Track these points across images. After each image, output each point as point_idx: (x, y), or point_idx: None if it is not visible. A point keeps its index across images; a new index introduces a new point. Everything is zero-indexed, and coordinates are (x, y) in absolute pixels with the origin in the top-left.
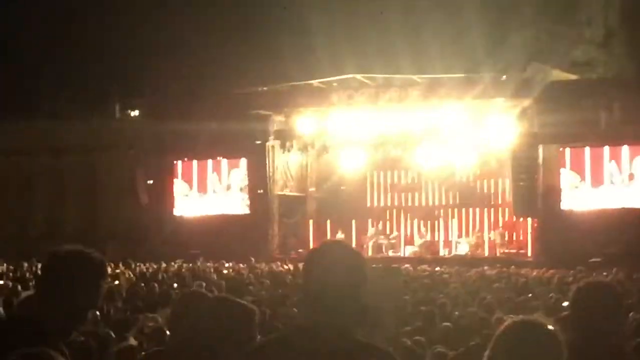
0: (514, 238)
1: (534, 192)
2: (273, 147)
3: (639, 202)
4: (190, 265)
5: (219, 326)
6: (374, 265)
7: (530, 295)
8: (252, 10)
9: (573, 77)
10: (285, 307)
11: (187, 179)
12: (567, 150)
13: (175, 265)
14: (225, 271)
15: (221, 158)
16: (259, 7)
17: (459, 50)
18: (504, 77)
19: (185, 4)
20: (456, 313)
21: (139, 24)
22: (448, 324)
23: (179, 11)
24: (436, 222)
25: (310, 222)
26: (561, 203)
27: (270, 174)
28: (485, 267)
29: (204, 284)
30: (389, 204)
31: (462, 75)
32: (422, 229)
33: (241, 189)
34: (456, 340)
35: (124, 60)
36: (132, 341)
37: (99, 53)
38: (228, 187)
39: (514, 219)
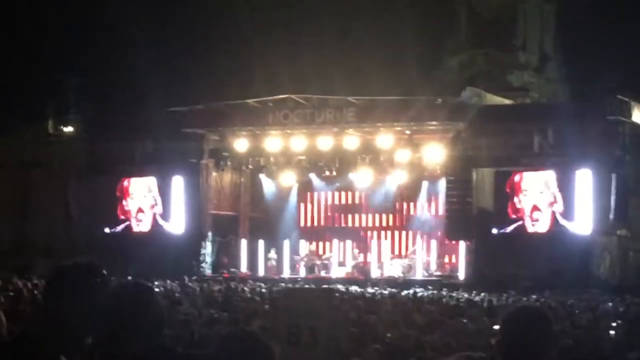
0: (447, 261)
1: (468, 215)
2: (207, 165)
3: (572, 226)
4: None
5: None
6: (306, 286)
7: (462, 318)
8: (189, 29)
9: (507, 101)
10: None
11: (121, 196)
12: (501, 174)
13: None
14: (156, 289)
15: (155, 176)
16: (196, 26)
17: (395, 72)
18: (439, 100)
19: (122, 22)
20: (388, 335)
21: (75, 39)
22: (378, 345)
23: (115, 28)
24: (369, 244)
25: (243, 241)
26: (493, 227)
27: (204, 192)
28: (418, 289)
29: None
30: (322, 224)
31: (397, 97)
32: (355, 250)
33: (174, 208)
34: None
35: (59, 76)
36: None
37: (33, 68)
38: (161, 205)
39: (447, 241)
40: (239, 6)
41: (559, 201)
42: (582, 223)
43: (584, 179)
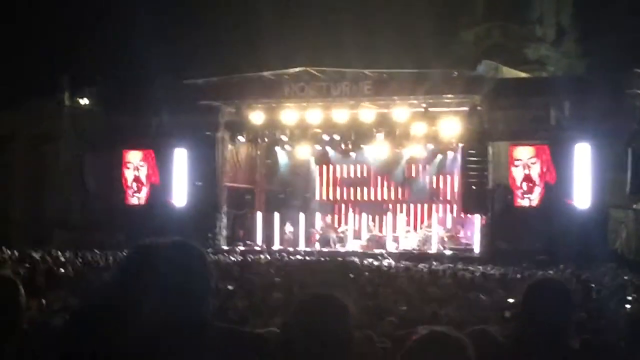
0: (462, 234)
1: (483, 189)
2: (223, 138)
3: (585, 202)
4: None
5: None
6: (322, 259)
7: (477, 291)
8: (204, 2)
9: (524, 75)
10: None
11: (137, 169)
12: (517, 148)
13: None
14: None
15: (171, 148)
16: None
17: (410, 45)
18: (455, 73)
19: None
20: (403, 307)
21: (89, 12)
22: (393, 318)
23: (130, 1)
24: (384, 217)
25: (259, 214)
26: (510, 200)
27: (220, 165)
28: (433, 263)
29: None
30: (338, 197)
31: (413, 70)
32: (370, 223)
33: (190, 180)
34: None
35: (75, 48)
36: None
37: (48, 40)
38: (178, 178)
39: (463, 215)
40: None
41: (571, 175)
42: (594, 198)
43: (599, 152)
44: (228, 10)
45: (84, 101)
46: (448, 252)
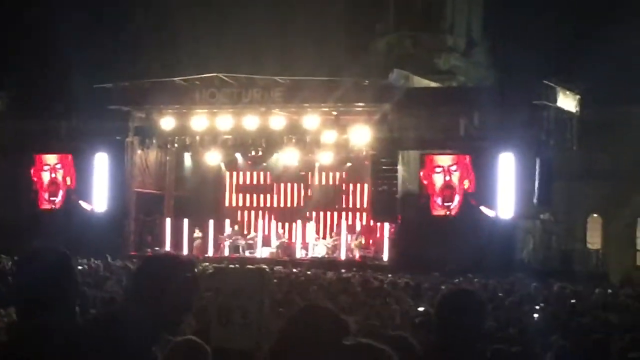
0: (371, 242)
1: (392, 197)
2: (132, 143)
3: (495, 210)
4: None
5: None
6: (232, 266)
7: (387, 299)
8: (116, 4)
9: (434, 84)
10: None
11: (53, 171)
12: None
13: None
14: (79, 267)
15: (79, 153)
16: (122, 2)
17: (322, 53)
18: (366, 82)
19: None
20: None
21: (4, 17)
22: None
23: (44, 4)
24: (294, 224)
25: (168, 220)
26: (418, 209)
27: (129, 170)
28: (342, 270)
29: None
30: (247, 204)
31: (325, 78)
32: (280, 230)
33: (97, 185)
34: None
35: None
36: None
37: None
38: (85, 182)
39: (372, 223)
40: None
41: (480, 184)
42: (505, 207)
43: (508, 162)
44: (143, 14)
45: None
46: (357, 260)
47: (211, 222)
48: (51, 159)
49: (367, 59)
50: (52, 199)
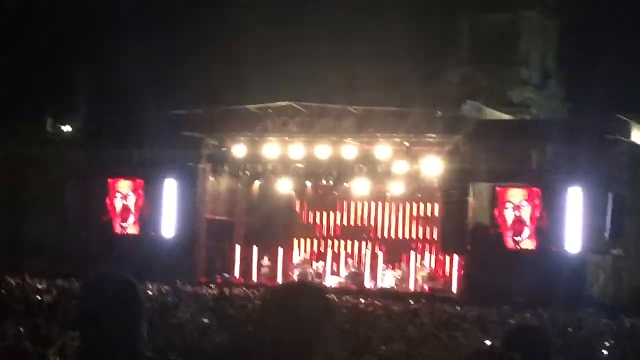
0: (440, 274)
1: (462, 229)
2: (204, 170)
3: (562, 244)
4: None
5: None
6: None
7: (455, 332)
8: (189, 33)
9: (507, 116)
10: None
11: (117, 198)
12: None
13: None
14: (149, 292)
15: (151, 179)
16: (196, 30)
17: (394, 83)
18: (439, 112)
19: (124, 25)
20: (382, 347)
21: (77, 40)
22: (371, 357)
23: (117, 28)
24: (363, 254)
25: (237, 247)
26: (488, 241)
27: (200, 197)
28: (410, 302)
29: None
30: (317, 233)
31: (397, 108)
32: (349, 260)
33: (169, 211)
34: None
35: (60, 76)
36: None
37: (35, 66)
38: (157, 208)
39: (441, 254)
40: (240, 12)
41: (550, 218)
42: (574, 241)
43: (579, 196)
44: (214, 42)
45: (67, 128)
46: (426, 291)
47: (280, 250)
48: (124, 185)
49: (438, 89)
50: (123, 224)
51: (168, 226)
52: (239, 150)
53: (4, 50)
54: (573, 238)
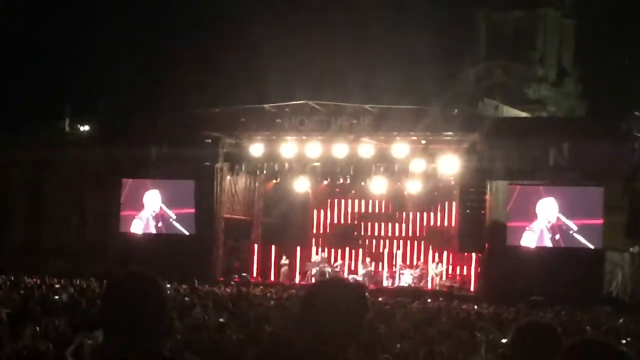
0: (458, 272)
1: (480, 227)
2: (222, 169)
3: (584, 243)
4: None
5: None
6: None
7: (472, 330)
8: (207, 32)
9: (524, 114)
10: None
11: (135, 198)
12: (515, 187)
13: None
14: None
15: (169, 179)
16: (214, 30)
17: (411, 81)
18: (456, 110)
19: (142, 25)
20: (398, 345)
21: (95, 40)
22: (388, 356)
23: (134, 29)
24: (380, 252)
25: (255, 246)
26: (506, 240)
27: (218, 196)
28: (428, 300)
29: None
30: (334, 232)
31: (414, 107)
32: (367, 258)
33: (188, 210)
34: None
35: (77, 76)
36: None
37: (52, 67)
38: (175, 207)
39: (459, 252)
40: (256, 12)
41: (568, 216)
42: (593, 239)
43: (597, 194)
44: (231, 42)
45: (85, 128)
46: (443, 290)
47: (298, 249)
48: (141, 184)
49: (455, 87)
50: (140, 223)
51: (186, 225)
52: (256, 149)
53: (20, 52)
54: (591, 236)
